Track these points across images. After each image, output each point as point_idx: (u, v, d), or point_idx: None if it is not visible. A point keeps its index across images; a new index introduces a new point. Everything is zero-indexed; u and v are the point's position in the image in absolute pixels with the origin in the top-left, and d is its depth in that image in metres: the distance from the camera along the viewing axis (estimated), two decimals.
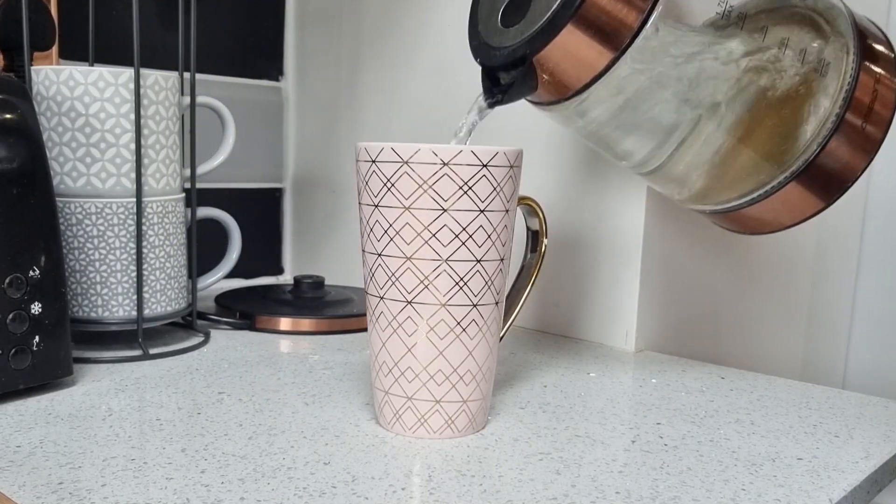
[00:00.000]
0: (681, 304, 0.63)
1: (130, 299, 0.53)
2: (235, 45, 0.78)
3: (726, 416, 0.45)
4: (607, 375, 0.52)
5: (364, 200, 0.40)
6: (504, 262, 0.40)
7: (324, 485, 0.34)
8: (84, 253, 0.52)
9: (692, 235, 0.62)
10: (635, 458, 0.38)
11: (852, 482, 0.36)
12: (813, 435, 0.42)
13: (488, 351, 0.40)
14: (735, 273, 0.69)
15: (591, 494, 0.34)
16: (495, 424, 0.42)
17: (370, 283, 0.40)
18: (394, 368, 0.40)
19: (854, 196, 0.87)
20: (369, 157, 0.39)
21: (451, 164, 0.37)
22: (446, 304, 0.38)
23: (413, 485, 0.34)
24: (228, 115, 0.60)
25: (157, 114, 0.54)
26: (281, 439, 0.39)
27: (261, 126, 0.81)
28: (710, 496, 0.34)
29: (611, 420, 0.44)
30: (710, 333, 0.68)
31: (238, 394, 0.46)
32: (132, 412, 0.42)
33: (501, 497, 0.34)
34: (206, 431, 0.40)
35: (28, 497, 0.32)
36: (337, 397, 0.46)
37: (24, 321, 0.43)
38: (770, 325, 0.77)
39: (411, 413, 0.40)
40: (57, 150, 0.52)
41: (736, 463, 0.38)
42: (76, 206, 0.52)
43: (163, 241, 0.54)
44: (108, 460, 0.36)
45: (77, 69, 0.51)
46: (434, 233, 0.38)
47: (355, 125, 0.77)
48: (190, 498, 0.32)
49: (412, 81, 0.71)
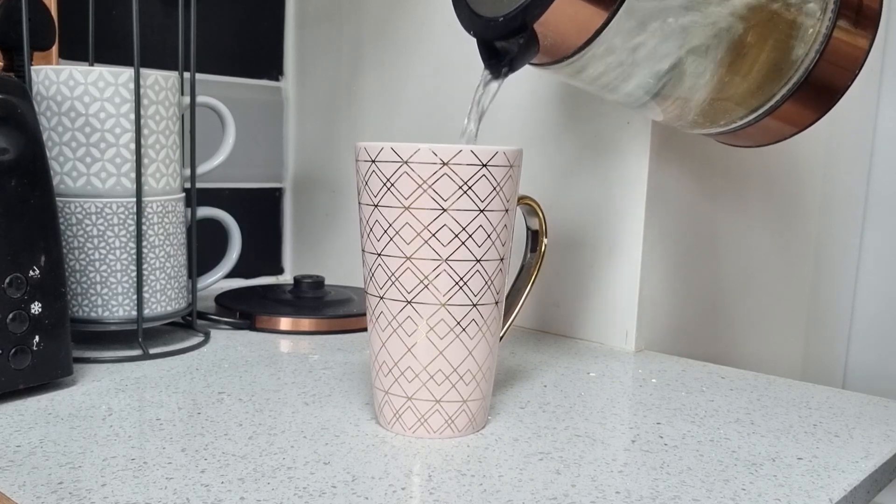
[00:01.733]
0: (681, 304, 0.63)
1: (130, 299, 0.53)
2: (235, 45, 0.78)
3: (726, 416, 0.45)
4: (607, 375, 0.52)
5: (364, 200, 0.40)
6: (504, 262, 0.40)
7: (324, 485, 0.34)
8: (84, 253, 0.52)
9: (692, 236, 0.62)
10: (635, 457, 0.38)
11: (852, 482, 0.36)
12: (813, 435, 0.42)
13: (488, 351, 0.40)
14: (735, 273, 0.69)
15: (591, 494, 0.34)
16: (495, 424, 0.42)
17: (370, 282, 0.40)
18: (394, 368, 0.40)
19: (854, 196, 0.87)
20: (369, 157, 0.39)
21: (451, 164, 0.37)
22: (446, 304, 0.38)
23: (413, 485, 0.34)
24: (228, 115, 0.60)
25: (157, 114, 0.54)
26: (281, 439, 0.39)
27: (261, 126, 0.81)
28: (710, 496, 0.34)
29: (611, 420, 0.44)
30: (710, 333, 0.67)
31: (238, 394, 0.46)
32: (132, 412, 0.42)
33: (501, 497, 0.34)
34: (206, 431, 0.40)
35: (28, 497, 0.32)
36: (337, 397, 0.46)
37: (24, 321, 0.43)
38: (770, 325, 0.77)
39: (411, 413, 0.40)
40: (57, 149, 0.52)
41: (736, 463, 0.38)
42: (76, 206, 0.52)
43: (163, 240, 0.54)
44: (108, 460, 0.36)
45: (77, 69, 0.51)
46: (434, 232, 0.38)
47: (355, 125, 0.77)
48: (190, 498, 0.32)
49: (412, 81, 0.71)
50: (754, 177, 0.69)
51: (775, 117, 0.45)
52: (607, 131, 0.58)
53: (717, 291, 0.67)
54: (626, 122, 0.57)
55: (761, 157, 0.69)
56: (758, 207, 0.71)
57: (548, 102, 0.61)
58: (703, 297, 0.66)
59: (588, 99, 0.59)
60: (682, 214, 0.60)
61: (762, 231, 0.72)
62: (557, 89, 0.61)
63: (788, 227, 0.77)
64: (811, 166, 0.79)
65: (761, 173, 0.70)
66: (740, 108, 0.45)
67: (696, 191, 0.62)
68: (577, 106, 0.59)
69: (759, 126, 0.46)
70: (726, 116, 0.45)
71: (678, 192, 0.60)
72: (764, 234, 0.73)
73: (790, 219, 0.77)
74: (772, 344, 0.78)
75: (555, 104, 0.61)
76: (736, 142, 0.49)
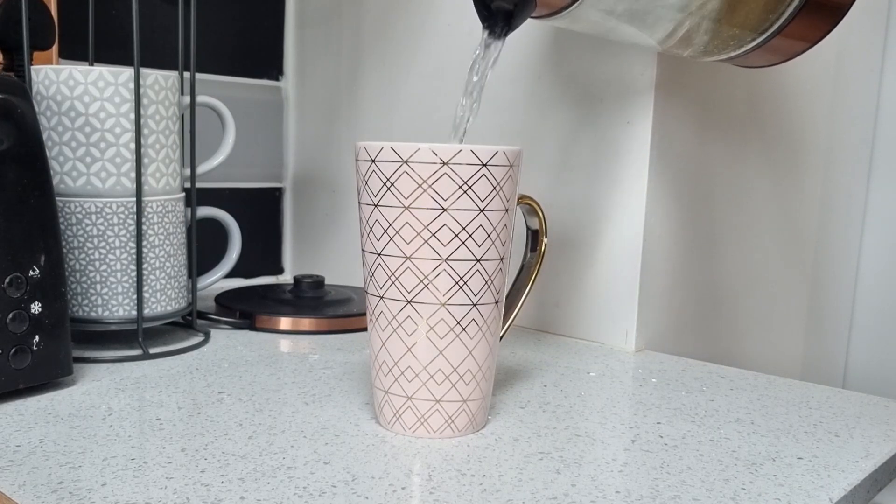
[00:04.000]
0: (681, 303, 0.63)
1: (130, 299, 0.53)
2: (235, 45, 0.78)
3: (726, 416, 0.45)
4: (607, 375, 0.52)
5: (364, 200, 0.40)
6: (504, 262, 0.40)
7: (324, 484, 0.34)
8: (84, 252, 0.52)
9: (692, 235, 0.62)
10: (635, 457, 0.38)
11: (852, 481, 0.36)
12: (813, 434, 0.42)
13: (488, 350, 0.40)
14: (735, 273, 0.69)
15: (591, 494, 0.34)
16: (495, 424, 0.42)
17: (370, 282, 0.40)
18: (394, 368, 0.40)
19: (854, 196, 0.87)
20: (369, 157, 0.39)
21: (451, 164, 0.37)
22: (446, 304, 0.38)
23: (413, 484, 0.34)
24: (228, 115, 0.60)
25: (157, 113, 0.54)
26: (281, 439, 0.39)
27: (261, 126, 0.81)
28: (710, 495, 0.34)
29: (611, 419, 0.44)
30: (710, 333, 0.68)
31: (238, 393, 0.46)
32: (132, 412, 0.42)
33: (501, 496, 0.34)
34: (206, 431, 0.40)
35: (28, 497, 0.32)
36: (337, 397, 0.46)
37: (23, 321, 0.43)
38: (770, 325, 0.77)
39: (411, 412, 0.40)
40: (57, 149, 0.52)
41: (736, 462, 0.38)
42: (76, 206, 0.52)
43: (163, 240, 0.54)
44: (108, 460, 0.36)
45: (77, 69, 0.51)
46: (434, 232, 0.38)
47: (355, 125, 0.77)
48: (190, 497, 0.32)
49: (412, 81, 0.71)
50: (755, 177, 0.69)
51: (785, 35, 0.45)
52: (607, 131, 0.58)
53: (717, 291, 0.67)
54: (626, 122, 0.57)
55: (764, 152, 0.69)
56: (758, 207, 0.71)
57: (548, 102, 0.61)
58: (703, 297, 0.66)
59: (588, 99, 0.59)
60: (682, 214, 0.60)
61: (763, 231, 0.72)
62: (558, 89, 0.61)
63: (789, 226, 0.77)
64: (814, 162, 0.79)
65: (762, 172, 0.70)
66: (748, 31, 0.44)
67: (695, 191, 0.62)
68: (577, 106, 0.59)
69: (770, 46, 0.45)
70: (734, 41, 0.45)
71: (678, 191, 0.60)
72: (765, 234, 0.73)
73: (791, 218, 0.77)
74: (772, 344, 0.78)
75: (555, 104, 0.61)
76: (747, 63, 0.48)
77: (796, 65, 0.72)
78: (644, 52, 0.56)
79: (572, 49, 0.60)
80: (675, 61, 0.56)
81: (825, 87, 0.79)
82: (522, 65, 0.63)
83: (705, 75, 0.61)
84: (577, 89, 0.59)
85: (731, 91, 0.64)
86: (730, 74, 0.63)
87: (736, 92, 0.64)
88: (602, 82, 0.58)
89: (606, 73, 0.58)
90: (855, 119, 0.85)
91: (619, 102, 0.57)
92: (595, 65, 0.58)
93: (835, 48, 0.79)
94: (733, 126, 0.65)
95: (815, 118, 0.78)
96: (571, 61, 0.60)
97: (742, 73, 0.65)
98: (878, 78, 0.86)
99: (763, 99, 0.68)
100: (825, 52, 0.77)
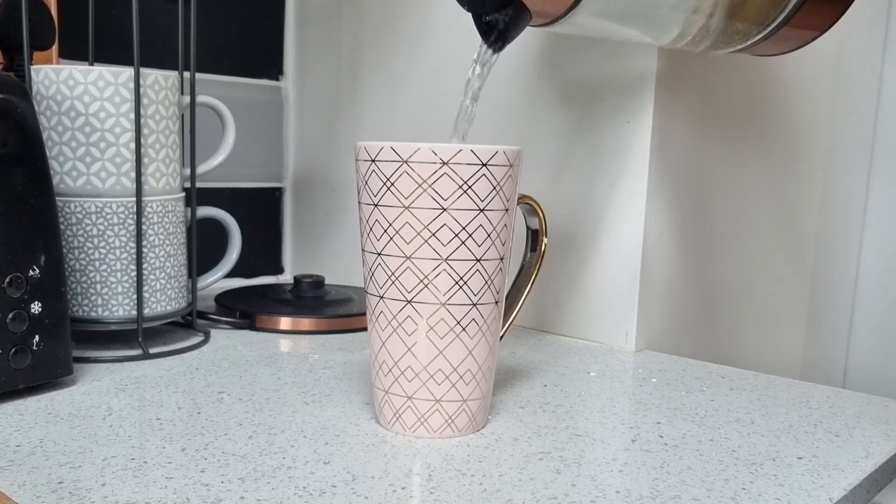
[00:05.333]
0: (681, 303, 0.63)
1: (130, 299, 0.53)
2: (235, 45, 0.78)
3: (726, 416, 0.45)
4: (607, 375, 0.52)
5: (364, 200, 0.40)
6: (504, 262, 0.40)
7: (324, 484, 0.34)
8: (84, 252, 0.52)
9: (692, 235, 0.62)
10: (635, 457, 0.38)
11: (852, 481, 0.36)
12: (813, 434, 0.42)
13: (488, 350, 0.40)
14: (735, 272, 0.69)
15: (591, 493, 0.34)
16: (495, 424, 0.42)
17: (370, 282, 0.40)
18: (394, 368, 0.40)
19: (854, 196, 0.87)
20: (369, 157, 0.39)
21: (451, 164, 0.37)
22: (446, 304, 0.38)
23: (413, 484, 0.34)
24: (228, 115, 0.60)
25: (157, 113, 0.54)
26: (281, 439, 0.39)
27: (261, 126, 0.81)
28: (710, 495, 0.34)
29: (611, 419, 0.44)
30: (711, 333, 0.68)
31: (238, 393, 0.46)
32: (132, 412, 0.42)
33: (501, 496, 0.34)
34: (206, 431, 0.40)
35: (28, 496, 0.32)
36: (337, 397, 0.46)
37: (23, 320, 0.43)
38: (770, 325, 0.77)
39: (411, 412, 0.40)
40: (57, 149, 0.52)
41: (736, 462, 0.38)
42: (76, 206, 0.52)
43: (163, 240, 0.54)
44: (108, 460, 0.36)
45: (77, 69, 0.51)
46: (434, 232, 0.38)
47: (355, 125, 0.77)
48: (190, 497, 0.32)
49: (412, 81, 0.71)
50: (755, 177, 0.69)
51: (792, 25, 0.45)
52: (607, 131, 0.58)
53: (717, 291, 0.67)
54: (626, 122, 0.57)
55: (764, 152, 0.69)
56: (758, 207, 0.71)
57: (548, 103, 0.61)
58: (703, 297, 0.66)
59: (588, 99, 0.59)
60: (682, 214, 0.60)
61: (763, 230, 0.72)
62: (557, 89, 0.61)
63: (789, 226, 0.77)
64: (814, 162, 0.79)
65: (762, 173, 0.70)
66: (754, 24, 0.45)
67: (696, 191, 0.62)
68: (577, 106, 0.59)
69: (778, 37, 0.45)
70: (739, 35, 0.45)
71: (678, 191, 0.60)
72: (765, 233, 0.73)
73: (791, 218, 0.77)
74: (772, 344, 0.78)
75: (555, 104, 0.61)
76: (755, 52, 0.48)
77: (796, 64, 0.72)
78: (644, 53, 0.56)
79: (572, 49, 0.60)
80: (675, 61, 0.56)
81: (825, 87, 0.79)
82: (522, 65, 0.63)
83: (705, 75, 0.61)
84: (576, 89, 0.59)
85: (731, 91, 0.64)
86: (730, 74, 0.63)
87: (736, 92, 0.64)
88: (602, 82, 0.58)
89: (606, 73, 0.58)
90: (855, 119, 0.85)
91: (618, 102, 0.57)
92: (595, 65, 0.58)
93: (835, 47, 0.79)
94: (733, 126, 0.65)
95: (816, 118, 0.78)
96: (571, 61, 0.60)
97: (742, 73, 0.65)
98: (879, 77, 0.86)
99: (763, 99, 0.68)
100: (825, 51, 0.77)
